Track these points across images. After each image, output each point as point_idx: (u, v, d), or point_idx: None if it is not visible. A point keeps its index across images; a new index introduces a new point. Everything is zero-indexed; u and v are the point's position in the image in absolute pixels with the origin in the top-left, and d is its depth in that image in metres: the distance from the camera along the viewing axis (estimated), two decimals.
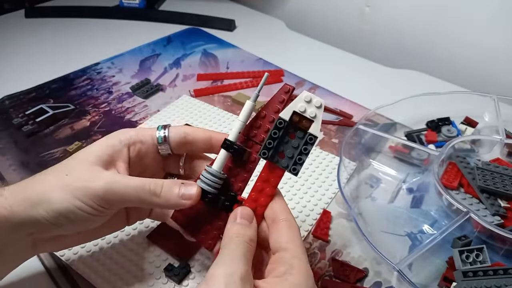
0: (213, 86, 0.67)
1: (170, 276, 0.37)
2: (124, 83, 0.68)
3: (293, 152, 0.30)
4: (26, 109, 0.61)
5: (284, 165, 0.30)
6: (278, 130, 0.29)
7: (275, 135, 0.29)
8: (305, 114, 0.29)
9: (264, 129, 0.31)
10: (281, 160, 0.30)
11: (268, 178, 0.30)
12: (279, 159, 0.30)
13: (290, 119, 0.29)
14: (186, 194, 0.30)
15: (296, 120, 0.29)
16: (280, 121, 0.29)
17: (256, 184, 0.31)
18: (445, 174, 0.46)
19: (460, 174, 0.45)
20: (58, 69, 0.70)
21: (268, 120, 0.31)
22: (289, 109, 0.29)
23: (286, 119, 0.29)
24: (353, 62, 0.74)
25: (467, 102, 0.58)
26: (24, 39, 0.82)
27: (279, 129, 0.29)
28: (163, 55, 0.76)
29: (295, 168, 0.30)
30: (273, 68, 0.71)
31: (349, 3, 0.83)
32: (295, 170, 0.30)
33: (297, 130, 0.30)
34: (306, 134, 0.29)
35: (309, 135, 0.29)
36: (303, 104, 0.29)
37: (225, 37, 0.82)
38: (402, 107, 0.55)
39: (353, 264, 0.39)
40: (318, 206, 0.45)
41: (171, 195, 0.30)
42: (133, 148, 0.32)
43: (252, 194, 0.31)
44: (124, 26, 0.87)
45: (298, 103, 0.29)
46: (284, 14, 0.93)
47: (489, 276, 0.35)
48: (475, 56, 0.70)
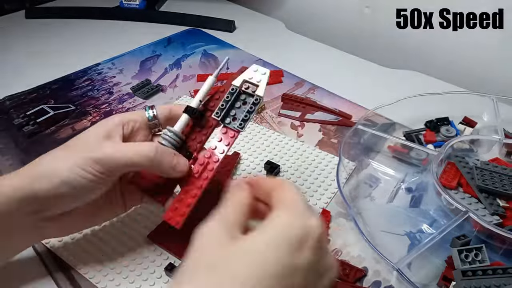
0: (213, 86, 0.67)
1: (171, 276, 0.37)
2: (124, 84, 0.68)
3: (242, 114, 0.35)
4: (27, 110, 0.61)
5: (234, 125, 0.35)
6: (230, 95, 0.36)
7: (227, 99, 0.36)
8: (251, 80, 0.35)
9: (220, 99, 0.36)
10: (232, 122, 0.36)
11: (220, 139, 0.35)
12: (231, 121, 0.36)
13: (241, 86, 0.36)
14: (179, 166, 0.34)
15: (246, 87, 0.36)
16: (232, 88, 0.36)
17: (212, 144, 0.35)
18: (444, 174, 0.46)
19: (459, 174, 0.46)
20: (58, 70, 0.71)
21: (225, 93, 0.36)
22: (240, 78, 0.36)
23: (237, 85, 0.36)
24: (352, 63, 0.74)
25: (466, 102, 0.58)
26: (25, 39, 0.82)
27: (232, 94, 0.36)
28: (163, 56, 0.76)
29: (242, 124, 0.35)
30: (273, 68, 0.71)
31: (348, 4, 0.83)
32: (241, 125, 0.35)
33: (247, 96, 0.36)
34: (253, 97, 0.35)
35: (256, 97, 0.35)
36: (251, 73, 0.36)
37: (225, 38, 0.82)
38: (400, 107, 0.55)
39: (353, 264, 0.39)
40: (318, 206, 0.45)
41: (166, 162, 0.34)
42: (126, 126, 0.36)
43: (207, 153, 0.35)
44: (125, 27, 0.87)
45: (247, 73, 0.36)
46: (284, 15, 0.93)
47: (488, 275, 0.35)
48: (474, 56, 0.70)
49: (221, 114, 0.35)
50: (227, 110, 0.36)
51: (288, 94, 0.64)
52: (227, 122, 0.36)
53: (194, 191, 0.34)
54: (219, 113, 0.35)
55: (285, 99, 0.63)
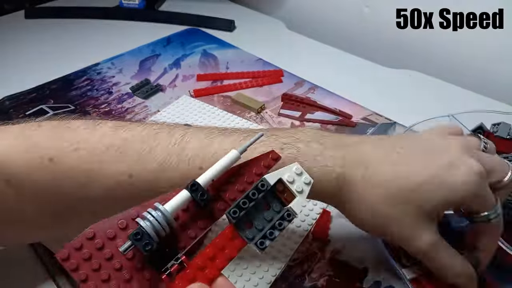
0: (213, 86, 0.67)
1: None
2: (124, 84, 0.68)
3: (264, 225, 0.25)
4: (26, 110, 0.61)
5: (249, 236, 0.24)
6: (257, 192, 0.25)
7: (253, 196, 0.24)
8: (291, 186, 0.25)
9: (239, 189, 0.27)
10: (247, 231, 0.24)
11: (224, 247, 0.24)
12: (244, 228, 0.25)
13: (274, 185, 0.25)
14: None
15: (279, 189, 0.25)
16: (263, 183, 0.25)
17: (207, 251, 0.24)
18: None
19: None
20: (58, 70, 0.71)
21: (247, 181, 0.27)
22: (276, 175, 0.25)
23: (271, 184, 0.25)
24: (352, 62, 0.74)
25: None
26: (24, 39, 0.82)
27: (260, 191, 0.25)
28: (163, 56, 0.76)
29: (263, 242, 0.24)
30: (273, 68, 0.71)
31: (348, 3, 0.83)
32: (262, 245, 0.24)
33: (274, 201, 0.26)
34: (285, 209, 0.25)
35: (288, 211, 0.25)
36: (292, 175, 0.25)
37: (225, 37, 0.82)
38: (401, 108, 0.55)
39: (353, 264, 0.39)
40: (318, 206, 0.45)
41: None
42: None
43: (198, 261, 0.24)
44: (124, 27, 0.87)
45: (287, 172, 0.25)
46: (284, 15, 0.93)
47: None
48: (474, 56, 0.70)
49: (239, 215, 0.24)
50: (247, 212, 0.25)
51: (288, 94, 0.64)
52: (242, 228, 0.25)
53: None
54: (238, 212, 0.24)
55: (285, 99, 0.63)
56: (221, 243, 0.24)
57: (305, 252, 0.41)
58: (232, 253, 0.24)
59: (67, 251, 0.23)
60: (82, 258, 0.23)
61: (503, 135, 0.48)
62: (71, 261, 0.23)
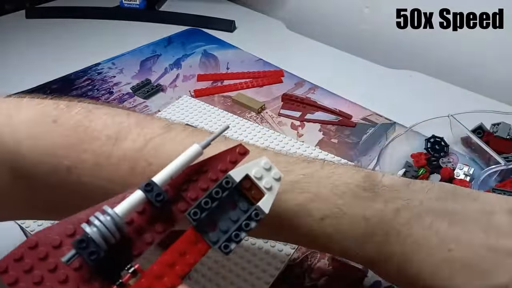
0: (213, 86, 0.67)
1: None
2: (124, 84, 0.68)
3: (228, 226, 0.22)
4: None
5: (213, 239, 0.22)
6: (222, 190, 0.22)
7: (216, 195, 0.22)
8: (258, 183, 0.23)
9: (202, 187, 0.24)
10: (210, 233, 0.22)
11: (185, 252, 0.22)
12: (207, 231, 0.22)
13: (240, 182, 0.23)
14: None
15: (246, 186, 0.23)
16: (227, 180, 0.22)
17: (165, 257, 0.22)
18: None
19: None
20: (58, 70, 0.71)
21: (210, 178, 0.24)
22: (242, 170, 0.23)
23: (236, 181, 0.22)
24: (352, 63, 0.74)
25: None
26: (25, 39, 0.82)
27: (224, 189, 0.22)
28: (163, 56, 0.76)
29: (227, 245, 0.22)
30: (273, 68, 0.71)
31: (348, 4, 0.83)
32: (227, 248, 0.22)
33: (241, 200, 0.23)
34: (252, 207, 0.22)
35: (256, 210, 0.22)
36: (260, 170, 0.23)
37: (225, 38, 0.82)
38: (401, 108, 0.55)
39: (353, 264, 0.39)
40: None
41: None
42: None
43: (155, 269, 0.21)
44: (125, 27, 0.87)
45: (254, 167, 0.23)
46: (284, 15, 0.93)
47: None
48: (474, 56, 0.70)
49: (201, 217, 0.22)
50: (210, 213, 0.22)
51: (288, 94, 0.64)
52: (204, 231, 0.22)
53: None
54: (198, 213, 0.22)
55: (285, 99, 0.63)
56: (181, 248, 0.22)
57: (305, 252, 0.41)
58: (195, 258, 0.22)
59: (5, 263, 0.20)
60: (23, 270, 0.20)
61: (503, 135, 0.49)
62: (9, 274, 0.20)
